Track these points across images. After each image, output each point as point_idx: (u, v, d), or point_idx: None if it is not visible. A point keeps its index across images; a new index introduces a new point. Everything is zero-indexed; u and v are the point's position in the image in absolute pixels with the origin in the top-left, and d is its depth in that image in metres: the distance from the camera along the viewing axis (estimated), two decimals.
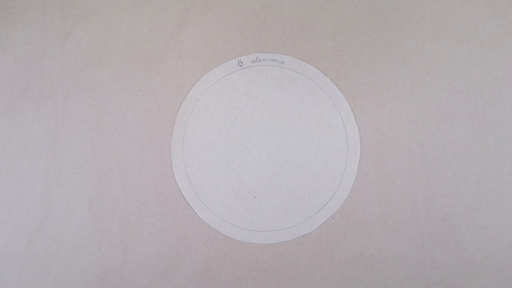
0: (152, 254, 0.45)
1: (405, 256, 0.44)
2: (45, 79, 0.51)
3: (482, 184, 0.45)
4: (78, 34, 0.51)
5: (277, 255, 0.45)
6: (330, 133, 0.46)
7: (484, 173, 0.45)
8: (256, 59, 0.48)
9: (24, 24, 0.52)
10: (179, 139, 0.48)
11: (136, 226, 0.46)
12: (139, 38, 0.51)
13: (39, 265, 0.46)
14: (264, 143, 0.47)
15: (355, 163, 0.45)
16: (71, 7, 0.52)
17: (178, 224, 0.46)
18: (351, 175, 0.46)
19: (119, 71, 0.50)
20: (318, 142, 0.46)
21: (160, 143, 0.48)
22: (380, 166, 0.46)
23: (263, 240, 0.45)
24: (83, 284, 0.45)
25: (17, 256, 0.47)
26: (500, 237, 0.44)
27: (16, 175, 0.49)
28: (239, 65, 0.48)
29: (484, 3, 0.48)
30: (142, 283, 0.45)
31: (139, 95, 0.49)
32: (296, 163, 0.46)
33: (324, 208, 0.45)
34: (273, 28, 0.50)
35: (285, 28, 0.50)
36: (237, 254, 0.45)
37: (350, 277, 0.44)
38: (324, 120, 0.46)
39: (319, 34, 0.49)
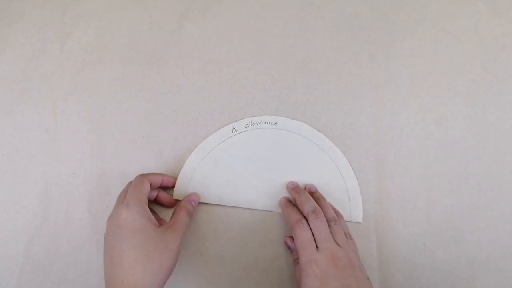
0: None
1: (405, 256, 0.44)
2: (45, 79, 0.50)
3: (483, 184, 0.45)
4: (78, 34, 0.51)
5: (277, 256, 0.45)
6: (331, 188, 0.46)
7: (484, 173, 0.45)
8: (249, 123, 0.48)
9: (23, 24, 0.52)
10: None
11: None
12: (139, 38, 0.51)
13: (38, 265, 0.46)
14: (267, 205, 0.46)
15: (359, 212, 0.45)
16: (70, 7, 0.52)
17: None
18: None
19: (119, 71, 0.50)
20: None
21: (160, 143, 0.48)
22: (380, 166, 0.46)
23: None
24: (82, 285, 0.45)
25: (16, 256, 0.47)
26: (501, 237, 0.44)
27: (15, 175, 0.48)
28: (233, 131, 0.48)
29: (484, 3, 0.48)
30: None
31: (139, 95, 0.49)
32: None
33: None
34: (273, 28, 0.50)
35: (285, 28, 0.50)
36: (237, 255, 0.45)
37: None
38: (323, 176, 0.46)
39: (319, 34, 0.49)
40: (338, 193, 0.46)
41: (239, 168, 0.46)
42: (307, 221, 0.40)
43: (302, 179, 0.46)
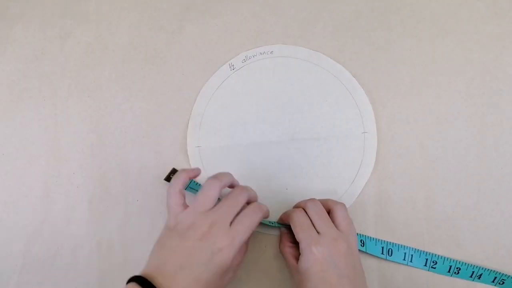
0: None
1: None
2: (45, 79, 0.51)
3: (482, 184, 0.45)
4: (78, 34, 0.51)
5: (277, 256, 0.45)
6: (340, 104, 0.46)
7: (484, 173, 0.45)
8: (246, 57, 0.48)
9: (23, 24, 0.52)
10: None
11: (136, 226, 0.46)
12: (139, 38, 0.51)
13: (38, 265, 0.46)
14: (280, 134, 0.46)
15: (373, 124, 0.45)
16: (70, 7, 0.52)
17: None
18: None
19: (119, 71, 0.50)
20: (329, 118, 0.46)
21: (160, 143, 0.48)
22: (380, 166, 0.46)
23: None
24: (82, 285, 0.45)
25: (16, 256, 0.47)
26: (500, 237, 0.44)
27: (15, 175, 0.48)
28: (231, 69, 0.48)
29: (484, 3, 0.48)
30: None
31: (139, 95, 0.49)
32: (313, 151, 0.46)
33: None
34: (273, 28, 0.50)
35: (285, 28, 0.50)
36: None
37: None
38: (329, 93, 0.46)
39: (319, 34, 0.49)
40: (348, 107, 0.46)
41: (245, 104, 0.47)
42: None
43: (309, 101, 0.46)
